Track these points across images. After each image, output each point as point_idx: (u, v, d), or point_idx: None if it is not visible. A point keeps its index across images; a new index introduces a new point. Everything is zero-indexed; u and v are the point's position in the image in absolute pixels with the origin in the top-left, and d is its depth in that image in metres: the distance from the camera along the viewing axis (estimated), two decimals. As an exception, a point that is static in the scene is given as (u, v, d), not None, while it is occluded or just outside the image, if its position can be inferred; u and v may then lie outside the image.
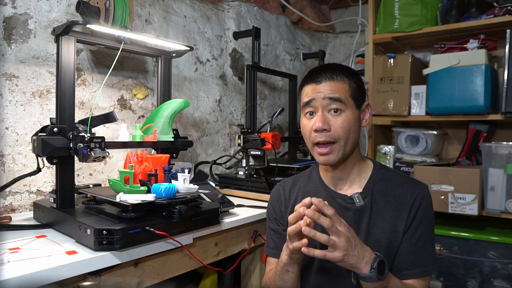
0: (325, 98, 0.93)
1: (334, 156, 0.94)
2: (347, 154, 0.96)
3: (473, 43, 1.76)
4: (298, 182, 1.10)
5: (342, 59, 2.86)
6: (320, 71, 0.96)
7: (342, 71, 0.96)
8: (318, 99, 0.94)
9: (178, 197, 1.00)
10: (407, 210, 0.94)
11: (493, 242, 1.64)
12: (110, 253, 0.88)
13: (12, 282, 0.72)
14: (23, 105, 1.25)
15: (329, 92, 0.93)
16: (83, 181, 1.41)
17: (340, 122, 0.92)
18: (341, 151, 0.94)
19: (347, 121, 0.93)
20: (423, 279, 0.93)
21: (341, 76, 0.95)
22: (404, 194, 0.96)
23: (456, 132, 2.14)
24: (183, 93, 1.82)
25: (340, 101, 0.92)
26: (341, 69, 0.97)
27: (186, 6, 1.83)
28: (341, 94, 0.93)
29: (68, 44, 1.06)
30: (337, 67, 0.98)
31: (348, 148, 0.95)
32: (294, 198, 1.07)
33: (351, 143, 0.95)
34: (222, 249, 1.27)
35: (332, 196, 1.00)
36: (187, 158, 1.83)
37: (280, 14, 2.49)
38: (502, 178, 1.63)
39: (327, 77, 0.94)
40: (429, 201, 0.97)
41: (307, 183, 1.08)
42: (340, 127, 0.92)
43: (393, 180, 0.99)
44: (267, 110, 2.37)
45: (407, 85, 1.89)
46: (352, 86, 0.95)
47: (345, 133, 0.93)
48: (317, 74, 0.96)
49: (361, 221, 0.95)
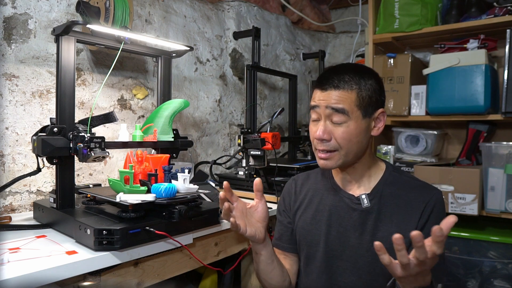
0: (328, 107, 0.89)
1: (333, 162, 0.92)
2: (351, 161, 0.94)
3: (473, 43, 1.76)
4: (311, 178, 1.09)
5: (342, 59, 2.86)
6: (328, 76, 0.92)
7: (355, 77, 0.90)
8: (321, 107, 0.91)
9: (178, 197, 1.01)
10: (418, 215, 0.92)
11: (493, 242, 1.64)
12: (110, 253, 0.88)
13: (12, 282, 0.72)
14: (23, 105, 1.25)
15: (334, 102, 0.89)
16: (83, 181, 1.41)
17: (341, 133, 0.89)
18: (341, 159, 0.92)
19: (348, 132, 0.89)
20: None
21: (350, 83, 0.89)
22: (415, 199, 0.94)
23: (456, 132, 2.14)
24: (183, 93, 1.82)
25: (343, 112, 0.88)
26: (353, 74, 0.90)
27: (186, 6, 1.83)
28: (345, 104, 0.88)
29: (68, 44, 1.06)
30: (349, 71, 0.91)
31: (351, 157, 0.93)
32: (304, 193, 1.07)
33: (354, 153, 0.92)
34: (222, 249, 1.27)
35: (339, 195, 1.00)
36: (187, 158, 1.83)
37: (280, 14, 2.49)
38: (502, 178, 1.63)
39: (333, 85, 0.90)
40: (442, 207, 0.94)
41: (319, 181, 1.07)
42: (340, 138, 0.90)
43: (405, 183, 0.98)
44: (267, 110, 2.37)
45: (407, 85, 1.89)
46: (360, 95, 0.89)
47: (345, 144, 0.90)
48: (325, 80, 0.91)
49: (366, 223, 0.94)
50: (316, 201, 1.03)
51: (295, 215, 1.06)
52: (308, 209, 1.04)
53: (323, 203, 1.02)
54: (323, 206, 1.01)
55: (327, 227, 0.98)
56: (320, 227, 0.99)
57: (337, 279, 0.96)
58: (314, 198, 1.04)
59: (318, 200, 1.03)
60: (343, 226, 0.97)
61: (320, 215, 1.01)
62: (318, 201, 1.03)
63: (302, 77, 2.66)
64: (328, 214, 0.99)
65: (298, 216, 1.05)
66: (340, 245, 0.96)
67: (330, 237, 0.97)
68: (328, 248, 0.97)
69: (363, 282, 0.93)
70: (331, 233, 0.98)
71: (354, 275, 0.94)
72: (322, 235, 0.98)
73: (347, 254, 0.95)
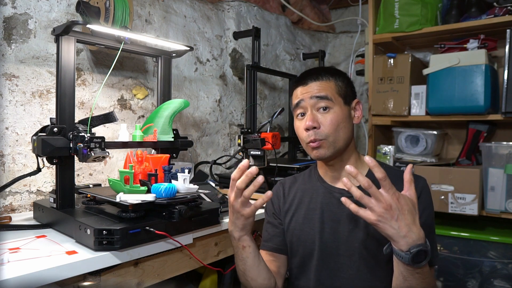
0: (312, 97, 0.98)
1: (325, 150, 0.97)
2: (340, 149, 0.99)
3: (473, 43, 1.76)
4: (298, 180, 1.13)
5: (342, 59, 2.86)
6: (306, 74, 1.02)
7: (328, 72, 1.02)
8: (306, 99, 0.99)
9: (178, 197, 1.01)
10: None
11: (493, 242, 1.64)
12: (110, 253, 0.88)
13: (12, 282, 0.72)
14: (23, 105, 1.25)
15: (316, 91, 0.98)
16: (83, 181, 1.41)
17: (329, 119, 0.96)
18: (331, 146, 0.97)
19: (335, 117, 0.97)
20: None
21: (326, 76, 1.00)
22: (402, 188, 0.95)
23: (456, 132, 2.14)
24: (183, 93, 1.82)
25: (327, 98, 0.97)
26: (326, 70, 1.02)
27: (186, 6, 1.83)
28: (328, 92, 0.98)
29: (68, 44, 1.06)
30: (322, 69, 1.04)
31: (340, 145, 0.98)
32: (292, 195, 1.09)
33: (342, 139, 0.98)
34: (222, 249, 1.27)
35: (330, 191, 1.02)
36: (187, 158, 1.83)
37: (280, 14, 2.49)
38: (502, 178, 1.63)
39: (313, 78, 1.00)
40: (428, 193, 0.98)
41: (307, 181, 1.10)
42: (328, 124, 0.96)
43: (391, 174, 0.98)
44: (267, 110, 2.37)
45: (407, 85, 1.89)
46: (338, 84, 1.00)
47: (333, 129, 0.96)
48: (304, 77, 1.02)
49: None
50: (306, 201, 1.05)
51: (285, 217, 1.07)
52: (299, 210, 1.05)
53: (313, 202, 1.03)
54: (314, 205, 1.03)
55: (320, 224, 0.99)
56: (314, 225, 1.00)
57: (337, 274, 0.97)
58: (304, 198, 1.06)
59: (308, 200, 1.05)
60: (337, 221, 0.98)
61: (312, 213, 1.02)
62: (308, 201, 1.04)
63: (302, 77, 2.66)
64: (320, 212, 1.00)
65: (288, 218, 1.06)
66: (335, 241, 0.97)
67: (325, 234, 0.98)
68: (324, 245, 0.98)
69: (362, 274, 0.94)
70: (325, 229, 0.99)
71: (352, 268, 0.95)
72: (316, 233, 0.99)
73: (342, 249, 0.96)
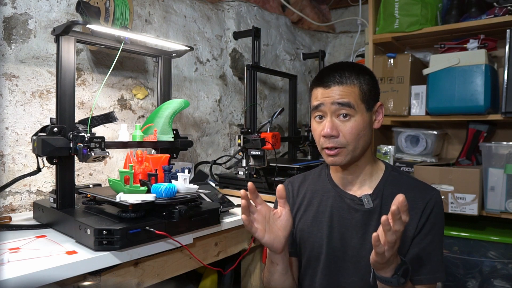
0: (333, 103, 0.90)
1: (342, 158, 0.92)
2: (357, 157, 0.94)
3: (473, 43, 1.76)
4: (308, 180, 1.09)
5: (342, 59, 2.86)
6: (329, 73, 0.93)
7: (353, 73, 0.92)
8: (327, 104, 0.91)
9: (178, 197, 1.00)
10: (418, 214, 0.92)
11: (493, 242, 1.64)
12: (110, 253, 0.88)
13: (12, 282, 0.72)
14: (23, 105, 1.25)
15: (338, 97, 0.90)
16: (83, 181, 1.41)
17: (349, 128, 0.90)
18: (349, 155, 0.92)
19: (356, 126, 0.90)
20: (430, 285, 0.91)
21: (351, 79, 0.91)
22: (415, 199, 0.94)
23: (456, 132, 2.14)
24: (183, 93, 1.82)
25: (349, 106, 0.90)
26: (351, 71, 0.92)
27: (186, 6, 1.83)
28: (351, 98, 0.90)
29: (68, 44, 1.06)
30: (347, 67, 0.93)
31: (358, 152, 0.93)
32: (302, 196, 1.06)
33: (361, 147, 0.93)
34: (222, 249, 1.27)
35: (341, 196, 0.99)
36: (187, 158, 1.83)
37: (280, 14, 2.49)
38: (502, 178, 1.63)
39: (336, 81, 0.91)
40: (440, 208, 0.95)
41: (317, 182, 1.06)
42: (348, 133, 0.90)
43: (404, 183, 0.98)
44: (267, 110, 2.37)
45: (407, 85, 1.89)
46: (363, 88, 0.92)
47: (354, 139, 0.91)
48: (326, 77, 0.92)
49: (370, 223, 0.94)
50: (316, 203, 1.02)
51: (294, 218, 1.05)
52: (308, 211, 1.03)
53: (323, 204, 1.01)
54: (323, 208, 1.00)
55: (329, 228, 0.98)
56: (322, 228, 0.99)
57: (339, 280, 0.96)
58: (314, 199, 1.03)
59: (318, 202, 1.02)
60: (345, 227, 0.96)
61: (321, 216, 1.00)
62: (318, 202, 1.02)
63: (302, 77, 2.66)
64: (330, 215, 0.98)
65: (297, 219, 1.04)
66: (342, 246, 0.96)
67: (333, 238, 0.97)
68: (331, 249, 0.97)
69: (364, 282, 0.93)
70: (333, 234, 0.97)
71: (356, 275, 0.94)
72: (324, 237, 0.98)
73: (349, 255, 0.95)
